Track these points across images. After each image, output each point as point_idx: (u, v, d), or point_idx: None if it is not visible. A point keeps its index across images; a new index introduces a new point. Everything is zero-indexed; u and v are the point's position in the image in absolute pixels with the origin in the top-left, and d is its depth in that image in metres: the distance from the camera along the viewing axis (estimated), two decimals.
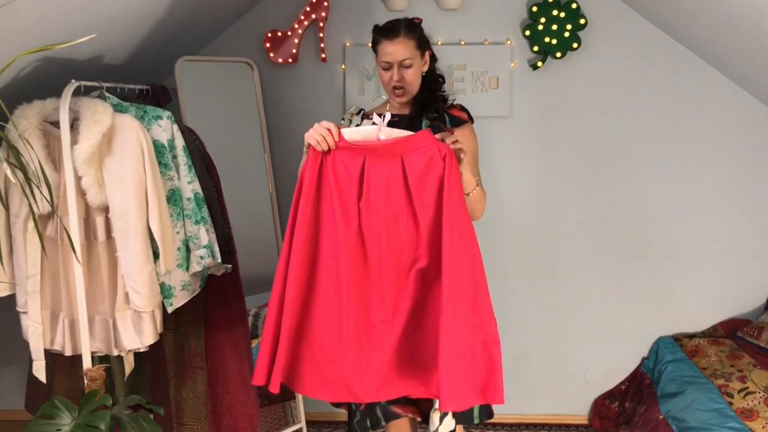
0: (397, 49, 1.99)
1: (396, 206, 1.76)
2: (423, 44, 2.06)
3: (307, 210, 1.76)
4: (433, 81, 2.12)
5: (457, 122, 2.10)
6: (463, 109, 2.13)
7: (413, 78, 2.04)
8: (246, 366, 2.47)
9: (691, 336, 3.05)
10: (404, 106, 2.13)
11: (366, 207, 1.77)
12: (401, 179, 1.76)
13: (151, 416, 2.03)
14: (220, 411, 2.39)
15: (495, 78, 2.96)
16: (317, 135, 1.77)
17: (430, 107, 2.08)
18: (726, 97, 2.95)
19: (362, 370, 1.75)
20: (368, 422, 2.06)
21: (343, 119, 2.22)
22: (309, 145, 1.79)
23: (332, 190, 1.77)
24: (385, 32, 2.02)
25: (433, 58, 2.14)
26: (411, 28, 2.03)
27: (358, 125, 2.15)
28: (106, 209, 1.97)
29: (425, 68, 2.10)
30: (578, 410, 3.20)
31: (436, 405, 1.94)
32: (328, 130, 1.77)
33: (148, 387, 2.33)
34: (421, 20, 2.10)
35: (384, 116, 1.79)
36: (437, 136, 1.77)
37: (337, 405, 2.26)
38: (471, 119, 2.12)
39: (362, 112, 2.21)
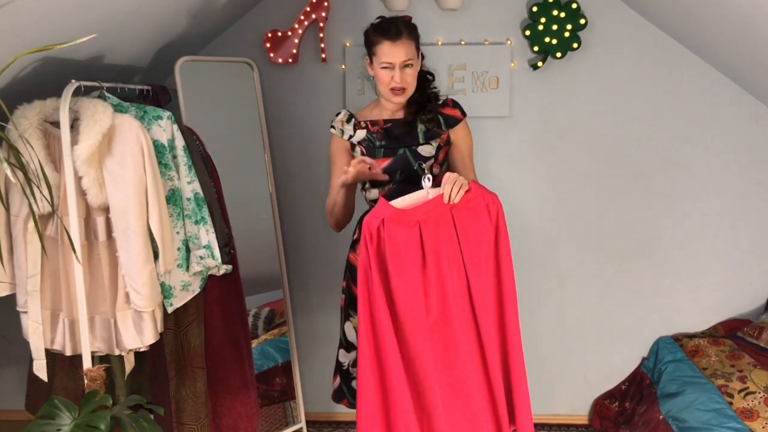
0: (401, 51, 1.99)
1: (453, 268, 1.87)
2: (418, 44, 2.07)
3: (381, 295, 1.85)
4: (422, 79, 2.12)
5: (452, 123, 2.11)
6: (455, 104, 2.14)
7: (413, 78, 2.04)
8: (246, 366, 2.47)
9: (691, 336, 3.05)
10: (397, 110, 2.12)
11: (432, 274, 1.86)
12: (455, 241, 1.86)
13: (151, 416, 2.03)
14: (220, 411, 2.39)
15: (495, 78, 2.96)
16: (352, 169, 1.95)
17: (425, 109, 2.08)
18: (726, 97, 2.94)
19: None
20: None
21: (333, 127, 2.18)
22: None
23: (396, 265, 1.85)
24: (386, 32, 2.01)
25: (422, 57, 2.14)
26: (412, 29, 2.04)
27: (351, 136, 2.15)
28: (106, 209, 1.97)
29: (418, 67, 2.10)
30: (578, 410, 3.20)
31: None
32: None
33: (149, 387, 2.34)
34: (411, 18, 2.11)
35: (428, 177, 1.87)
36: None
37: (338, 400, 2.29)
38: (463, 113, 2.13)
39: (353, 119, 2.17)
